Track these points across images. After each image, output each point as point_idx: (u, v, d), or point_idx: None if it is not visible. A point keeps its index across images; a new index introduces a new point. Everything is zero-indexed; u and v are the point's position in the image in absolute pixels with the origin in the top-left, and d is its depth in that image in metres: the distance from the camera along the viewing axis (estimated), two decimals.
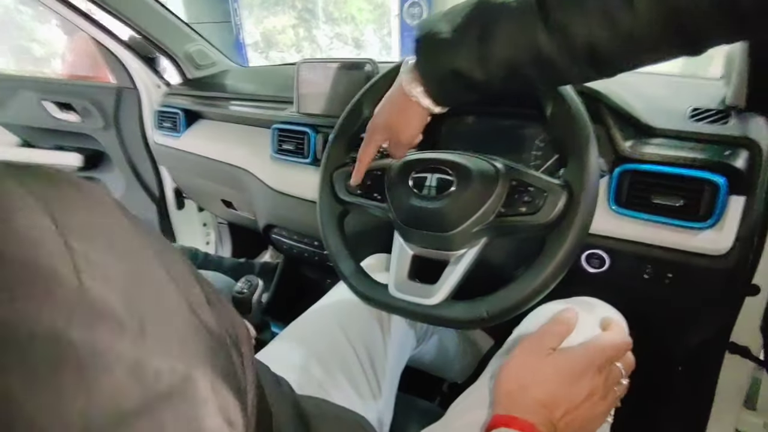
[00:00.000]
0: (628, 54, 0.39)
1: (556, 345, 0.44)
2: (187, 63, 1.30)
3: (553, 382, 0.41)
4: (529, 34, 0.40)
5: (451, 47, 0.44)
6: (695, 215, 0.58)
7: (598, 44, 0.38)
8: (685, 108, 0.65)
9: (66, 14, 1.18)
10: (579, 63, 0.41)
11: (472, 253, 0.54)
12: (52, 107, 1.45)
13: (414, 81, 0.49)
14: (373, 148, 0.58)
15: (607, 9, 0.36)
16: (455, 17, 0.45)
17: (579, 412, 0.41)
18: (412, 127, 0.54)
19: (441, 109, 0.52)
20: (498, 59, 0.43)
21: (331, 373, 0.58)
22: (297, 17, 6.48)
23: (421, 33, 0.46)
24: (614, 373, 0.44)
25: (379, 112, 0.56)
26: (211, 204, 1.43)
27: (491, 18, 0.42)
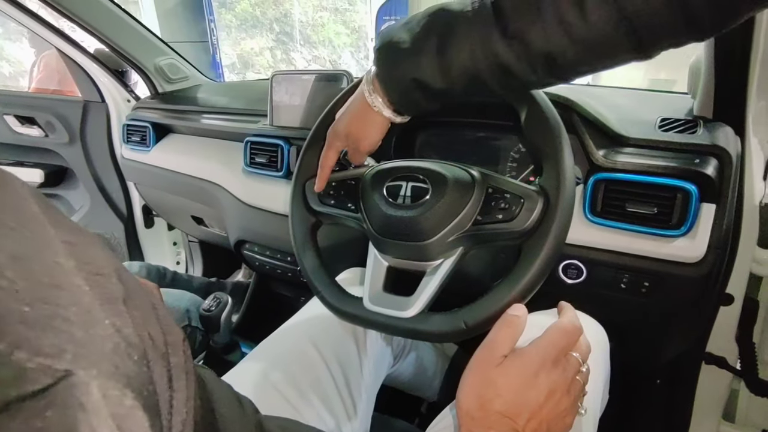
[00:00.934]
0: (584, 59, 0.40)
1: (507, 351, 0.41)
2: (157, 76, 1.27)
3: (509, 391, 0.39)
4: (487, 42, 0.40)
5: (411, 56, 0.44)
6: (668, 223, 0.58)
7: (554, 51, 0.39)
8: (654, 118, 0.66)
9: (33, 27, 1.15)
10: (537, 70, 0.41)
11: (448, 264, 0.52)
12: (13, 121, 1.39)
13: (375, 91, 0.49)
14: (333, 153, 0.57)
15: (562, 17, 0.37)
16: (414, 26, 0.44)
17: (544, 412, 0.39)
18: (371, 136, 0.53)
19: (402, 119, 0.51)
20: (457, 68, 0.43)
21: (304, 393, 0.55)
22: (275, 39, 6.54)
23: (382, 42, 0.46)
24: (571, 363, 0.42)
25: (340, 119, 0.55)
26: (181, 221, 1.38)
27: (449, 27, 0.42)
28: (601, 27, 0.36)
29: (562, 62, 0.40)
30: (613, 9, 0.35)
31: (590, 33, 0.37)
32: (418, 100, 0.47)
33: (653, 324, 0.67)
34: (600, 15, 0.36)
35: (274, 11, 6.45)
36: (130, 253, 1.51)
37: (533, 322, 0.62)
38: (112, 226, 1.49)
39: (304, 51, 6.89)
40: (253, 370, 0.57)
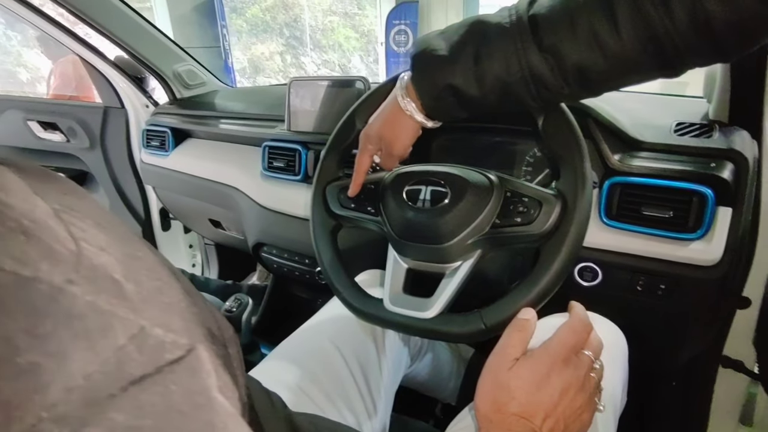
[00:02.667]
0: (614, 75, 0.42)
1: (518, 354, 0.42)
2: (176, 82, 1.30)
3: (523, 392, 0.40)
4: (522, 54, 0.42)
5: (447, 64, 0.46)
6: (684, 226, 0.58)
7: (587, 66, 0.41)
8: (670, 123, 0.66)
9: (56, 35, 1.18)
10: (569, 83, 0.43)
11: (467, 266, 0.53)
12: (37, 127, 1.43)
13: (408, 96, 0.51)
14: (367, 156, 0.58)
15: (596, 34, 0.39)
16: (452, 35, 0.46)
17: (560, 410, 0.40)
18: (403, 140, 0.55)
19: (433, 124, 0.53)
20: (491, 77, 0.44)
21: (326, 392, 0.56)
22: (285, 44, 6.60)
23: (418, 49, 0.48)
24: (583, 361, 0.42)
25: (373, 123, 0.57)
26: (199, 224, 1.41)
27: (486, 37, 0.44)
28: (632, 45, 0.38)
29: (593, 76, 0.41)
30: (644, 29, 0.37)
31: (621, 50, 0.39)
32: (450, 107, 0.49)
33: (669, 327, 0.68)
34: (631, 34, 0.38)
35: (285, 16, 6.51)
36: None
37: (548, 325, 0.63)
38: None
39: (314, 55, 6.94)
40: (276, 369, 0.59)
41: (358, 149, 0.59)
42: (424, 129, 0.55)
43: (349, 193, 0.60)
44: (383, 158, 0.58)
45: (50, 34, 1.18)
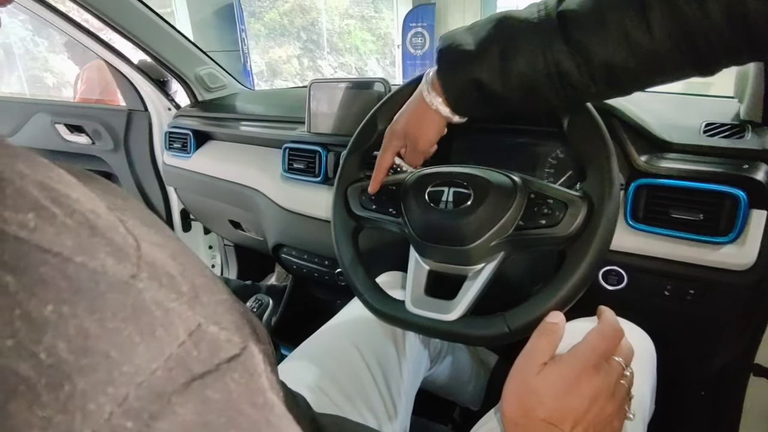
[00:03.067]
0: (644, 73, 0.41)
1: (547, 358, 0.41)
2: (198, 85, 1.32)
3: (552, 398, 0.39)
4: (549, 51, 0.41)
5: (474, 58, 0.45)
6: (715, 229, 0.57)
7: (616, 63, 0.40)
8: (699, 123, 0.65)
9: (83, 40, 1.21)
10: (597, 81, 0.42)
11: (490, 268, 0.53)
12: (64, 129, 1.47)
13: (434, 90, 0.51)
14: (390, 153, 0.58)
15: (626, 30, 0.38)
16: (479, 30, 0.46)
17: (589, 418, 0.39)
18: (429, 135, 0.55)
19: (459, 119, 0.52)
20: (518, 74, 0.44)
21: (346, 393, 0.56)
22: (302, 48, 6.67)
23: (445, 44, 0.48)
24: (614, 367, 0.41)
25: (398, 119, 0.57)
26: (219, 225, 1.43)
27: (513, 33, 0.43)
28: (664, 42, 0.37)
29: (622, 75, 0.41)
30: (677, 26, 0.36)
31: (653, 48, 0.38)
32: (474, 102, 0.49)
33: (699, 333, 0.66)
34: (663, 31, 0.37)
35: (302, 20, 6.57)
36: None
37: (573, 329, 0.62)
38: None
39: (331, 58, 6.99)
40: (297, 369, 0.59)
41: (382, 146, 0.59)
42: (446, 128, 0.55)
43: (369, 191, 0.60)
44: (408, 154, 0.58)
45: (77, 39, 1.21)
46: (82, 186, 0.17)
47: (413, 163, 0.59)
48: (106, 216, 0.17)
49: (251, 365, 0.17)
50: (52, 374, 0.13)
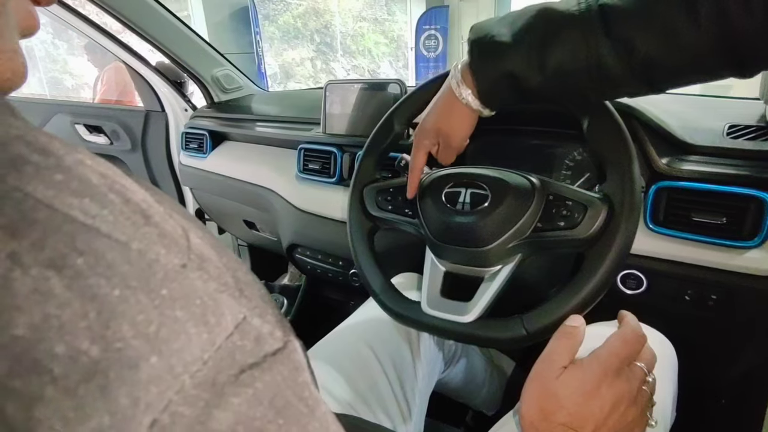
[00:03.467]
0: (684, 70, 0.40)
1: (566, 362, 0.40)
2: (214, 86, 1.34)
3: (572, 402, 0.38)
4: (591, 43, 0.41)
5: (510, 50, 0.44)
6: (739, 233, 0.56)
7: (657, 58, 0.39)
8: (722, 125, 0.63)
9: (103, 42, 1.24)
10: (635, 76, 0.41)
11: (507, 270, 0.52)
12: (83, 130, 1.50)
13: (464, 82, 0.50)
14: (423, 153, 0.57)
15: (673, 24, 0.37)
16: (515, 21, 0.45)
17: (610, 423, 0.38)
18: (461, 130, 0.53)
19: (489, 112, 0.51)
20: (555, 66, 0.43)
21: (361, 394, 0.56)
22: (315, 50, 6.71)
23: (477, 35, 0.47)
24: (636, 373, 0.40)
25: (427, 117, 0.56)
26: (234, 225, 1.44)
27: (552, 24, 0.43)
28: (708, 40, 0.36)
29: (661, 70, 0.40)
30: (723, 24, 0.35)
31: (697, 44, 0.37)
32: (506, 95, 0.48)
33: (720, 340, 0.64)
34: (709, 28, 0.36)
35: (315, 23, 6.61)
36: None
37: (592, 333, 0.61)
38: None
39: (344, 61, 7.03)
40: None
41: (413, 147, 0.57)
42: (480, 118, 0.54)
43: (408, 196, 0.59)
44: (441, 152, 0.57)
45: (97, 41, 1.24)
46: (129, 178, 0.18)
47: (447, 161, 0.57)
48: (156, 207, 0.17)
49: (295, 359, 0.17)
50: (120, 359, 0.13)
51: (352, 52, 7.13)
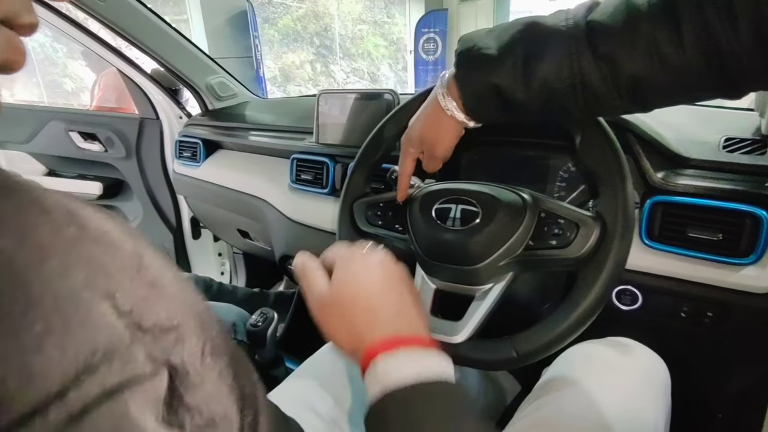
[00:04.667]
0: (671, 90, 0.39)
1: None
2: (208, 94, 1.33)
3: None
4: (576, 60, 0.40)
5: (495, 63, 0.44)
6: (735, 250, 0.54)
7: (643, 77, 0.38)
8: (718, 138, 0.62)
9: (96, 49, 1.23)
10: (621, 95, 0.40)
11: (498, 288, 0.51)
12: (78, 137, 1.49)
13: (450, 94, 0.49)
14: (410, 160, 0.57)
15: (657, 44, 0.37)
16: (502, 34, 0.44)
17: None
18: (446, 141, 0.53)
19: (475, 124, 0.51)
20: (541, 81, 0.42)
21: (350, 415, 0.55)
22: (315, 53, 6.72)
23: (464, 47, 0.46)
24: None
25: (413, 125, 0.56)
26: (228, 234, 1.43)
27: (540, 40, 0.42)
28: (695, 60, 0.36)
29: (648, 90, 0.39)
30: (709, 43, 0.35)
31: (683, 63, 0.36)
32: (491, 108, 0.47)
33: (716, 357, 0.63)
34: (695, 47, 0.35)
35: (315, 25, 6.63)
36: (178, 262, 1.57)
37: (583, 352, 0.60)
38: (162, 237, 1.56)
39: (344, 63, 7.04)
40: (300, 388, 0.58)
41: (401, 153, 0.57)
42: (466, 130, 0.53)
43: (398, 198, 0.59)
44: (426, 161, 0.56)
45: (91, 48, 1.23)
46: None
47: (431, 169, 0.57)
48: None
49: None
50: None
51: (351, 54, 7.14)
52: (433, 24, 5.79)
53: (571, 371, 0.56)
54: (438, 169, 0.58)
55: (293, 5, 6.29)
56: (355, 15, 6.91)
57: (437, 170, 0.58)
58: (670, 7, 0.36)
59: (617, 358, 0.57)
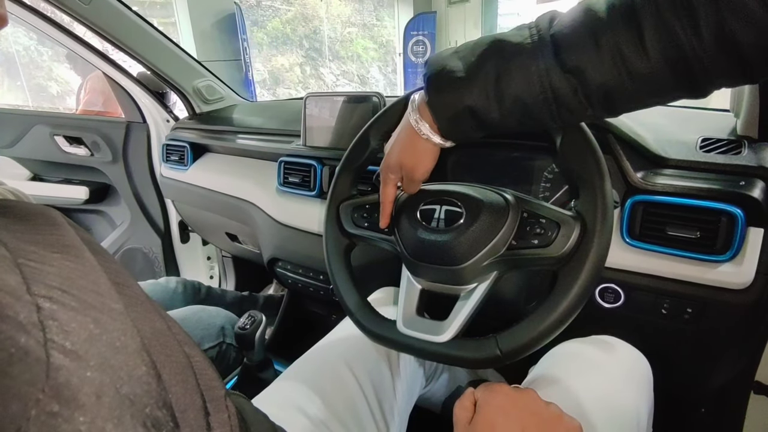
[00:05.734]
0: (639, 96, 0.40)
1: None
2: (195, 97, 1.32)
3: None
4: (544, 75, 0.40)
5: (465, 85, 0.44)
6: (712, 248, 0.56)
7: (612, 87, 0.39)
8: (695, 138, 0.64)
9: (82, 53, 1.22)
10: (593, 104, 0.41)
11: (482, 288, 0.52)
12: (63, 141, 1.48)
13: (423, 118, 0.49)
14: (391, 188, 0.56)
15: (621, 53, 0.37)
16: (468, 56, 0.45)
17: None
18: (424, 164, 0.53)
19: (451, 144, 0.51)
20: (512, 99, 0.43)
21: (338, 416, 0.55)
22: (304, 56, 6.70)
23: (433, 70, 0.46)
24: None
25: (390, 152, 0.55)
26: (216, 237, 1.42)
27: (506, 58, 0.42)
28: (659, 65, 0.36)
29: (617, 98, 0.40)
30: (671, 49, 0.35)
31: (649, 70, 0.37)
32: (467, 129, 0.47)
33: (697, 352, 0.64)
34: (658, 53, 0.36)
35: (304, 28, 6.61)
36: (166, 267, 1.56)
37: (568, 351, 0.61)
38: (150, 241, 1.55)
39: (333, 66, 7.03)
40: (289, 390, 0.58)
41: (381, 181, 0.57)
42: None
43: (381, 225, 0.58)
44: (405, 185, 0.56)
45: (76, 51, 1.22)
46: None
47: (411, 191, 0.57)
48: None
49: None
50: None
51: (341, 57, 7.14)
52: (421, 27, 5.81)
53: (555, 369, 0.57)
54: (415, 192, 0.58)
55: (282, 8, 6.27)
56: (344, 18, 6.91)
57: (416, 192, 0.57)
58: (629, 13, 0.36)
59: (600, 356, 0.58)
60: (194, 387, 0.21)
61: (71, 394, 0.15)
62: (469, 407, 0.43)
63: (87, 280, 0.19)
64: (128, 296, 0.21)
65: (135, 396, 0.18)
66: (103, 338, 0.18)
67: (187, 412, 0.20)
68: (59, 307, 0.17)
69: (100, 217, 1.71)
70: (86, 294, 0.19)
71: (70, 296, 0.18)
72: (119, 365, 0.18)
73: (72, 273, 0.19)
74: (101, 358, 0.17)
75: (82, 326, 0.17)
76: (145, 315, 0.22)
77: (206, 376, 0.23)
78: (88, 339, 0.17)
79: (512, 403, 0.40)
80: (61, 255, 0.19)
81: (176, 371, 0.21)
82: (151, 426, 0.18)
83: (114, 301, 0.20)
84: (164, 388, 0.19)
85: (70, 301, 0.18)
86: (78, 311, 0.18)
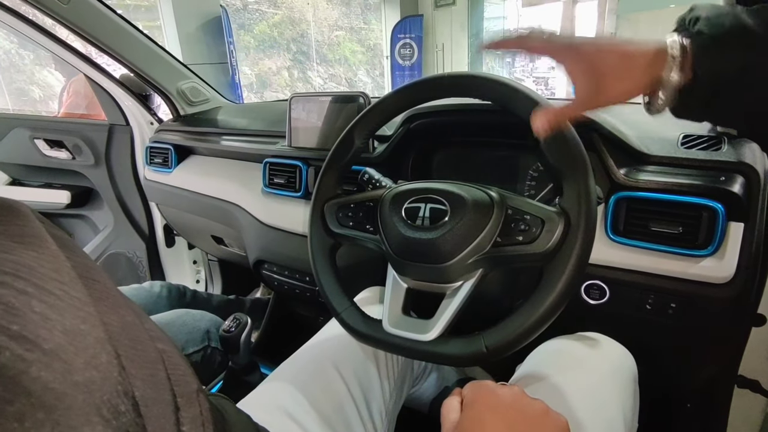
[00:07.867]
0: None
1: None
2: (180, 100, 1.31)
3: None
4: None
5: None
6: (694, 243, 0.56)
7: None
8: (676, 135, 0.65)
9: (62, 54, 1.19)
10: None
11: (468, 285, 0.52)
12: (43, 145, 1.45)
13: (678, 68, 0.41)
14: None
15: None
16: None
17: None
18: (624, 87, 0.43)
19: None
20: None
21: (325, 418, 0.54)
22: (292, 59, 6.68)
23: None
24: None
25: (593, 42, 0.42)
26: (202, 241, 1.40)
27: None
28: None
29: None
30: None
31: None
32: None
33: (682, 347, 0.65)
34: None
35: (292, 32, 6.59)
36: (151, 272, 1.54)
37: (553, 348, 0.61)
38: (134, 245, 1.52)
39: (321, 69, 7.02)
40: (275, 392, 0.57)
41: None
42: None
43: (482, 46, 0.46)
44: (586, 97, 0.43)
45: (58, 54, 1.20)
46: None
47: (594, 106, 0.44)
48: None
49: None
50: None
51: (328, 60, 7.13)
52: (408, 30, 5.84)
53: (541, 367, 0.57)
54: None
55: (269, 11, 6.24)
56: (331, 21, 6.91)
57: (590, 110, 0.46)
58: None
59: (586, 352, 0.58)
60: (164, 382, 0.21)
61: (13, 375, 0.15)
62: (455, 406, 0.42)
63: (47, 269, 0.19)
64: (96, 290, 0.21)
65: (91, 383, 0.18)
66: (59, 324, 0.18)
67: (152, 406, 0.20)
68: (9, 291, 0.17)
69: (83, 221, 1.68)
70: (45, 281, 0.18)
71: (25, 281, 0.18)
72: (75, 351, 0.18)
73: (32, 261, 0.19)
74: (53, 343, 0.17)
75: (34, 311, 0.17)
76: (115, 309, 0.21)
77: (178, 372, 0.23)
78: (41, 323, 0.17)
79: (498, 400, 0.40)
80: (22, 245, 0.19)
81: (144, 365, 0.20)
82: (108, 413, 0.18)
83: (76, 291, 0.19)
84: (127, 379, 0.19)
85: (24, 286, 0.18)
86: (33, 296, 0.18)
